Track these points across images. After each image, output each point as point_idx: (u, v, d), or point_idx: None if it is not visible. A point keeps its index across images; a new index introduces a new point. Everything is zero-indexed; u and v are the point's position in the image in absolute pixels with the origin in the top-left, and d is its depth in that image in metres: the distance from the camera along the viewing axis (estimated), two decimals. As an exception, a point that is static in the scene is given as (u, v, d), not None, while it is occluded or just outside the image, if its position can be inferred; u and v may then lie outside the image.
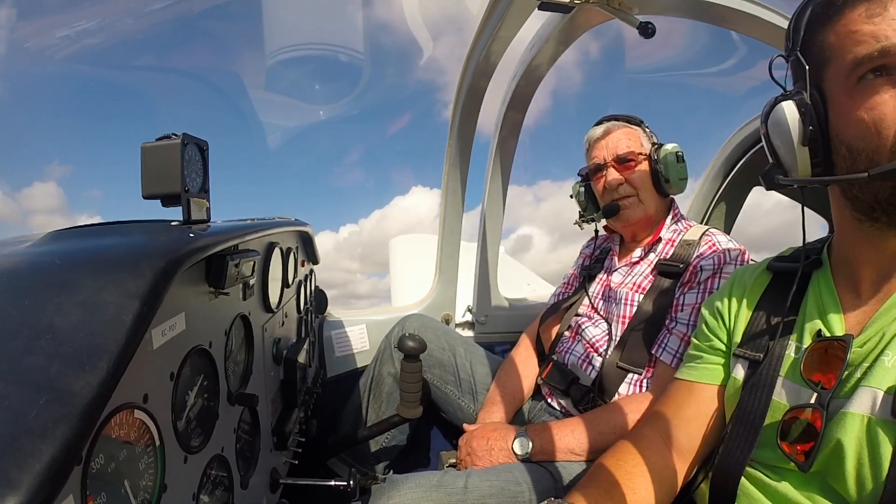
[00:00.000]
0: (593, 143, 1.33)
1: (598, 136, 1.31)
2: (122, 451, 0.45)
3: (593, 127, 1.35)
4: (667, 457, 0.78)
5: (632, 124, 1.31)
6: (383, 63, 26.08)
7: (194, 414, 0.63)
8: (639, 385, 1.14)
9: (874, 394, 0.57)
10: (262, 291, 0.96)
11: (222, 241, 0.65)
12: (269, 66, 22.46)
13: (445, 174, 1.80)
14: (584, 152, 1.38)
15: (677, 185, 1.25)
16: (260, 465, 0.88)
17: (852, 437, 0.58)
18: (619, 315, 1.22)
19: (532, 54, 1.41)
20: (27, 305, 0.41)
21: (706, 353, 0.83)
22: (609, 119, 1.33)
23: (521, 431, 1.10)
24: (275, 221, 1.05)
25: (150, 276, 0.46)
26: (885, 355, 0.59)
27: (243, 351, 0.85)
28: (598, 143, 1.31)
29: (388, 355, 1.49)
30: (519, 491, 0.96)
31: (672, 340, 1.09)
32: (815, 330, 0.68)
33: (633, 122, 1.31)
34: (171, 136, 0.64)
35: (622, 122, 1.31)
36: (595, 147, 1.32)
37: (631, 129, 1.30)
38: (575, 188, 1.43)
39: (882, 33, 0.56)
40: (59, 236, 0.59)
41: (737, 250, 1.12)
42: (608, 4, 1.09)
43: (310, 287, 1.54)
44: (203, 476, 0.63)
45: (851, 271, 0.68)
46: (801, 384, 0.65)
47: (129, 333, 0.41)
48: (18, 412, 0.33)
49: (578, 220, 1.40)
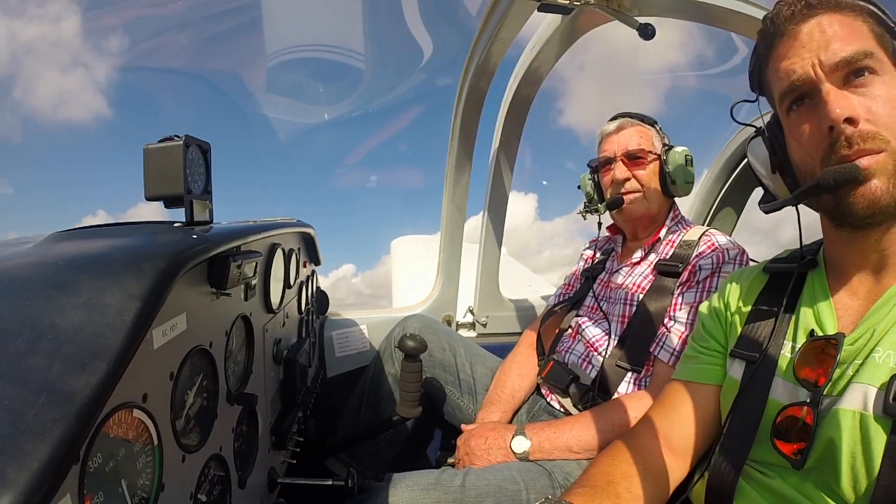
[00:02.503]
0: (605, 136, 1.34)
1: (610, 131, 1.32)
2: (120, 451, 0.46)
3: (608, 121, 1.36)
4: (663, 456, 0.78)
5: (645, 123, 1.32)
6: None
7: (193, 413, 0.63)
8: (638, 384, 1.14)
9: (865, 390, 0.58)
10: (263, 292, 0.96)
11: (224, 243, 0.66)
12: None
13: (447, 175, 1.81)
14: (596, 145, 1.39)
15: (683, 188, 1.26)
16: (258, 464, 0.88)
17: (845, 433, 0.58)
18: (619, 315, 1.23)
19: (532, 56, 1.42)
20: (30, 306, 0.42)
21: (703, 353, 0.84)
22: (624, 115, 1.34)
23: (520, 430, 1.11)
24: (277, 223, 1.05)
25: (152, 278, 0.47)
26: (875, 352, 0.60)
27: (244, 351, 0.85)
28: (610, 138, 1.32)
29: (388, 355, 1.50)
30: (516, 490, 0.97)
31: (671, 339, 1.10)
32: (808, 329, 0.69)
33: (647, 122, 1.32)
34: (173, 138, 0.65)
35: (636, 120, 1.32)
36: (606, 141, 1.33)
37: (644, 127, 1.31)
38: (583, 179, 1.44)
39: (791, 68, 0.65)
40: (62, 237, 0.59)
41: (736, 250, 1.13)
42: (608, 6, 1.09)
43: (311, 288, 1.55)
44: (201, 475, 0.63)
45: (843, 272, 0.70)
46: (796, 383, 0.66)
47: (130, 334, 0.42)
48: (17, 412, 0.33)
49: (582, 211, 1.40)
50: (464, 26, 1.48)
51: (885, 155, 0.60)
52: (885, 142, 0.60)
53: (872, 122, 0.60)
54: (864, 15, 0.65)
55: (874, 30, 0.64)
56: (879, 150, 0.60)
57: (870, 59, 0.62)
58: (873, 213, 0.61)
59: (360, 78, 2.17)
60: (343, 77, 4.64)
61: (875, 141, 0.60)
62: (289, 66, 3.17)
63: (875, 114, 0.61)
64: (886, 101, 0.61)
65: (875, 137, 0.60)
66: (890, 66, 0.63)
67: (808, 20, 0.65)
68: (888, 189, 0.60)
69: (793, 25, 0.66)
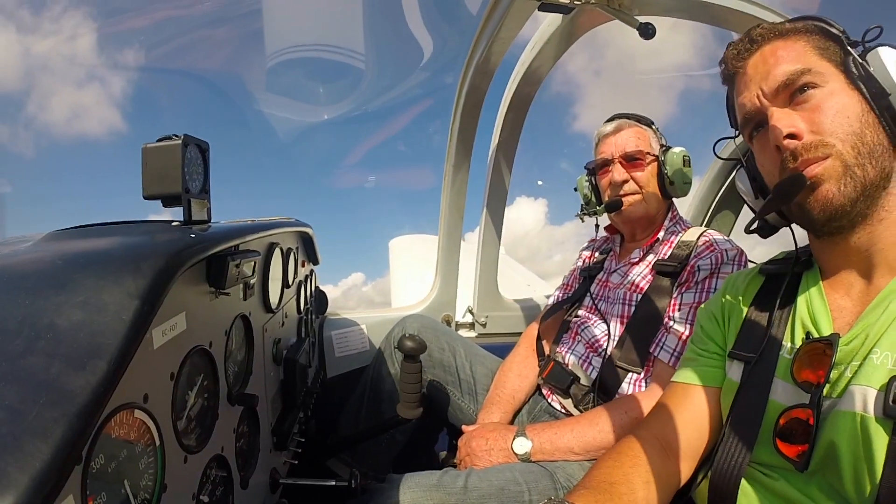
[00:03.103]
0: (602, 138, 1.33)
1: (608, 132, 1.32)
2: (122, 451, 0.45)
3: (604, 123, 1.35)
4: (665, 458, 0.78)
5: (642, 124, 1.31)
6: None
7: (194, 414, 0.63)
8: (639, 384, 1.14)
9: (865, 392, 0.58)
10: (262, 292, 0.96)
11: (223, 242, 0.65)
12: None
13: (446, 174, 1.81)
14: (593, 147, 1.38)
15: (681, 189, 1.26)
16: (260, 465, 0.88)
17: (846, 435, 0.58)
18: (618, 315, 1.23)
19: (532, 55, 1.41)
20: (28, 305, 0.41)
21: (703, 355, 0.84)
22: (621, 117, 1.34)
23: (521, 431, 1.10)
24: (275, 222, 1.05)
25: (150, 277, 0.47)
26: (873, 353, 0.60)
27: (243, 351, 0.85)
28: (608, 139, 1.31)
29: (388, 355, 1.50)
30: (518, 491, 0.96)
31: (670, 339, 1.10)
32: (805, 331, 0.70)
33: (644, 123, 1.32)
34: (171, 137, 0.64)
35: (633, 122, 1.32)
36: (604, 142, 1.32)
37: (641, 129, 1.30)
38: (580, 181, 1.44)
39: (743, 102, 0.72)
40: (60, 236, 0.59)
41: (734, 251, 1.13)
42: (608, 5, 1.09)
43: (310, 287, 1.55)
44: (203, 476, 0.63)
45: (835, 274, 0.71)
46: (794, 385, 0.66)
47: (130, 333, 0.42)
48: (19, 412, 0.33)
49: (580, 213, 1.40)
50: (464, 26, 1.48)
51: (831, 160, 0.63)
52: (830, 147, 0.63)
53: (817, 133, 0.64)
54: (806, 34, 0.70)
55: (818, 45, 0.68)
56: (825, 156, 0.63)
57: (807, 75, 0.66)
58: (831, 215, 0.64)
59: (360, 78, 2.17)
60: (343, 77, 4.57)
61: (819, 149, 0.64)
62: (288, 66, 3.14)
63: (818, 123, 0.64)
64: (828, 109, 0.64)
65: (819, 146, 0.64)
66: (835, 74, 0.66)
67: (752, 55, 0.72)
68: (839, 190, 0.63)
69: (741, 63, 0.73)
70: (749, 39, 0.72)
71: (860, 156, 0.63)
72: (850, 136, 0.63)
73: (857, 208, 0.64)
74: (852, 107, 0.64)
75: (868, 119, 0.64)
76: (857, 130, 0.63)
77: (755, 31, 0.72)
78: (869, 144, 0.63)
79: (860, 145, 0.63)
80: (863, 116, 0.64)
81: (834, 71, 0.66)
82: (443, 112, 1.75)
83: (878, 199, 0.64)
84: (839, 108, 0.64)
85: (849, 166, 0.63)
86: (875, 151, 0.63)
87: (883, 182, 0.64)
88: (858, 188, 0.63)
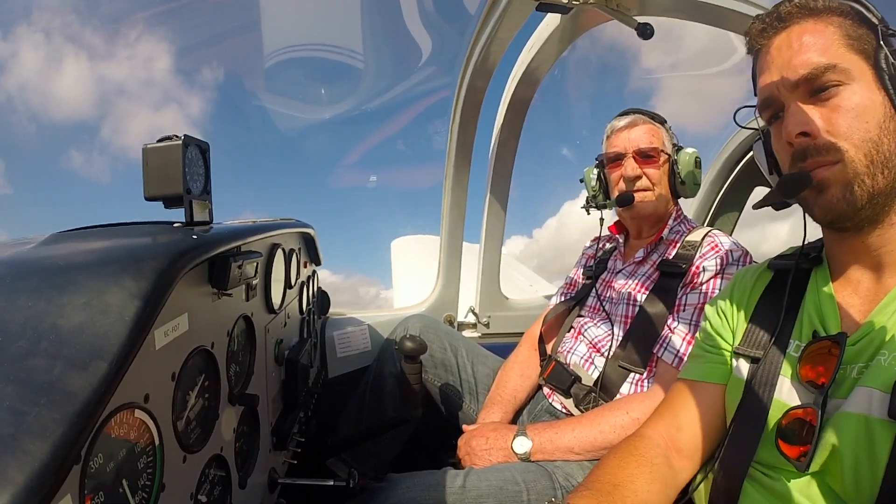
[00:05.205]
0: (615, 131, 1.30)
1: (621, 126, 1.29)
2: (121, 451, 0.46)
3: (617, 117, 1.33)
4: (669, 457, 0.77)
5: (656, 122, 1.29)
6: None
7: (194, 414, 0.63)
8: (640, 385, 1.14)
9: (871, 393, 0.57)
10: (264, 292, 0.96)
11: (225, 243, 0.65)
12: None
13: (446, 175, 1.81)
14: (604, 139, 1.35)
15: (691, 189, 1.26)
16: (259, 464, 0.88)
17: (849, 437, 0.58)
18: (621, 315, 1.23)
19: (531, 55, 1.41)
20: (31, 307, 0.42)
21: (710, 352, 0.83)
22: (635, 111, 1.31)
23: (521, 431, 1.11)
24: (277, 223, 1.05)
25: (153, 278, 0.47)
26: (880, 354, 0.59)
27: (245, 351, 0.85)
28: (621, 133, 1.29)
29: (389, 355, 1.50)
30: (517, 490, 0.97)
31: (674, 340, 1.09)
32: (812, 329, 0.68)
33: (658, 120, 1.30)
34: (172, 138, 0.65)
35: (647, 118, 1.29)
36: (617, 136, 1.30)
37: (655, 126, 1.28)
38: (588, 173, 1.40)
39: (762, 86, 0.69)
40: (63, 237, 0.59)
41: (739, 251, 1.12)
42: (606, 5, 1.09)
43: (312, 288, 1.55)
44: (201, 476, 0.63)
45: (844, 270, 0.69)
46: (800, 384, 0.65)
47: (132, 335, 0.42)
48: (19, 412, 0.33)
49: (586, 205, 1.39)
50: (462, 26, 1.48)
51: (840, 165, 0.61)
52: (841, 152, 0.61)
53: (832, 134, 0.62)
54: (840, 17, 0.64)
55: (850, 32, 0.63)
56: (835, 161, 0.62)
57: (831, 72, 0.62)
58: (833, 219, 0.64)
59: (358, 77, 2.17)
60: (342, 77, 4.58)
61: (830, 153, 0.62)
62: (287, 66, 3.15)
63: (835, 125, 0.62)
64: (847, 111, 0.61)
65: (830, 149, 0.62)
66: (862, 70, 0.62)
67: (779, 34, 0.67)
68: (844, 197, 0.62)
69: (765, 40, 0.68)
70: (777, 16, 0.67)
71: (872, 164, 0.60)
72: (864, 143, 0.61)
73: (863, 214, 0.62)
74: (874, 111, 0.61)
75: (889, 126, 0.61)
76: (875, 137, 0.60)
77: (784, 6, 0.67)
78: (885, 153, 0.60)
79: (874, 153, 0.60)
80: (884, 122, 0.61)
81: (862, 66, 0.62)
82: (443, 112, 1.75)
83: (888, 204, 0.62)
84: (860, 111, 0.61)
85: (858, 174, 0.61)
86: (890, 161, 0.61)
87: (894, 191, 0.62)
88: (865, 197, 0.61)
